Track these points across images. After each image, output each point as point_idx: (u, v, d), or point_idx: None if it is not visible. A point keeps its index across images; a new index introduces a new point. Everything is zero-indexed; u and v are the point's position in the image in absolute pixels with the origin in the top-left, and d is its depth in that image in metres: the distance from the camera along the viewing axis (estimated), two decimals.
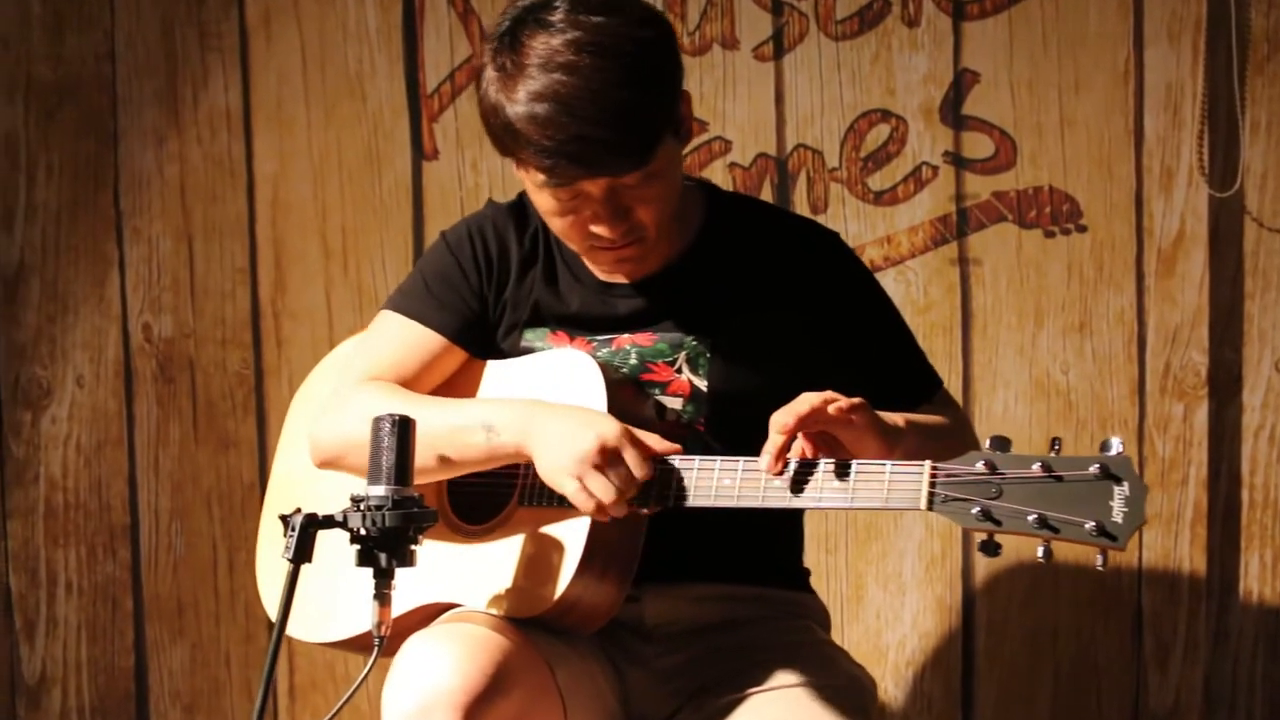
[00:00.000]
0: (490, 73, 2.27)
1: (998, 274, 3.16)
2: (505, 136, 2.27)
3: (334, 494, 2.42)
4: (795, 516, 2.56)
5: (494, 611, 2.30)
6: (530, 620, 2.28)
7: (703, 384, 2.39)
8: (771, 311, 2.39)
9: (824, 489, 2.13)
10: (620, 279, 2.42)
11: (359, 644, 2.41)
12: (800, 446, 2.17)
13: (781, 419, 2.14)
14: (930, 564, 3.21)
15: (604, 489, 2.20)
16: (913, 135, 3.16)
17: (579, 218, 2.31)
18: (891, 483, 2.08)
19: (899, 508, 2.09)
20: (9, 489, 3.55)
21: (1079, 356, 3.14)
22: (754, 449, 2.22)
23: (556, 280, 2.44)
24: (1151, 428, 3.12)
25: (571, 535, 2.27)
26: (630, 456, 2.21)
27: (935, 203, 3.17)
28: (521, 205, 2.48)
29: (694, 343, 2.39)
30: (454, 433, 2.28)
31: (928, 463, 2.07)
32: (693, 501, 2.21)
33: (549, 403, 2.30)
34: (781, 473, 2.14)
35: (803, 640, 2.46)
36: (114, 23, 3.45)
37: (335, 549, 2.23)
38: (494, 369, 2.45)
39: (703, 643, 2.42)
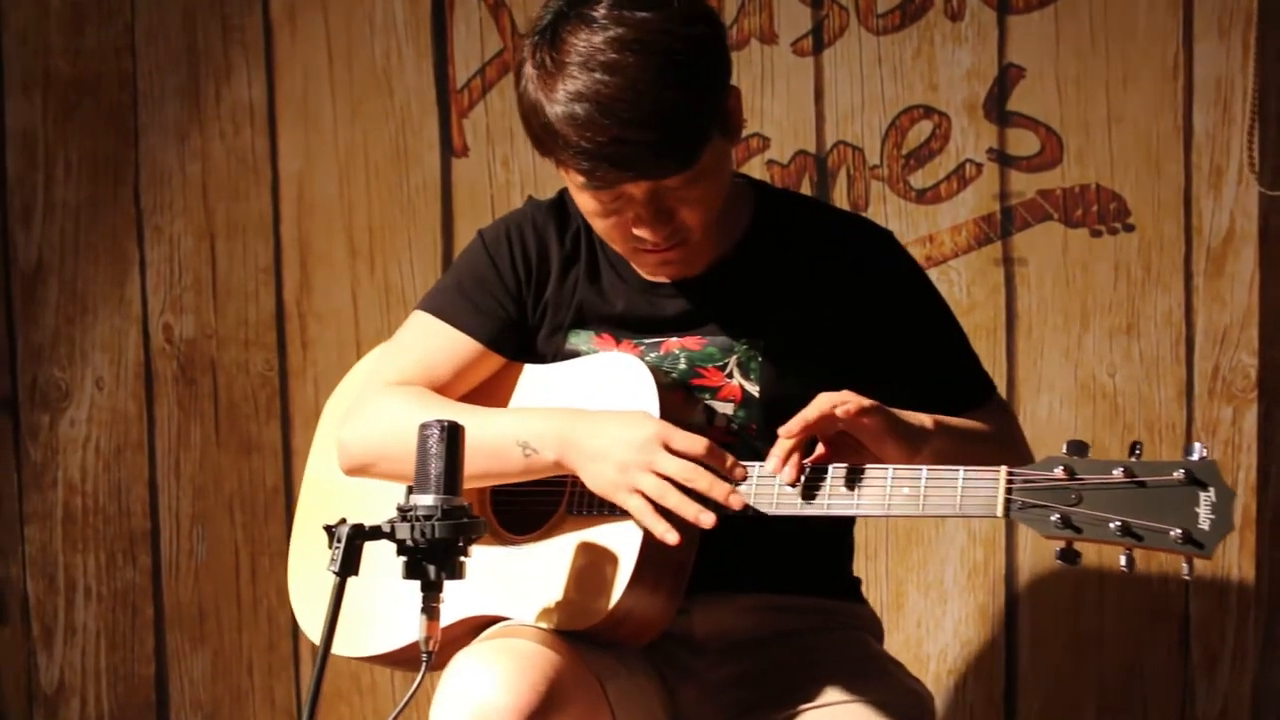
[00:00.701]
0: (530, 69, 2.21)
1: (1043, 274, 3.12)
2: (544, 137, 2.20)
3: (371, 503, 2.38)
4: (845, 524, 2.50)
5: (542, 625, 2.24)
6: (580, 634, 2.22)
7: (754, 389, 2.33)
8: (823, 312, 2.34)
9: (892, 497, 2.07)
10: (665, 279, 2.36)
11: (398, 658, 2.37)
12: (817, 451, 2.14)
13: (788, 425, 2.10)
14: (972, 571, 3.17)
15: (658, 488, 2.13)
16: (956, 132, 3.12)
17: (621, 219, 2.25)
18: (965, 490, 2.02)
19: (973, 515, 2.02)
20: (27, 493, 3.51)
21: (1126, 359, 3.10)
22: (806, 453, 2.17)
23: (600, 280, 2.38)
24: (1199, 431, 3.08)
25: (624, 545, 2.21)
26: (682, 442, 2.14)
27: (979, 201, 3.13)
28: (562, 203, 2.42)
29: (745, 346, 2.33)
30: (489, 448, 2.22)
31: (1003, 468, 2.02)
32: (762, 508, 2.15)
33: (583, 410, 2.24)
34: (796, 481, 2.11)
35: (858, 653, 2.40)
36: (134, 16, 3.41)
37: (372, 559, 2.17)
38: (537, 374, 2.39)
39: (755, 655, 2.37)
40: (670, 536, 2.14)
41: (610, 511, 2.21)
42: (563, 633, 2.22)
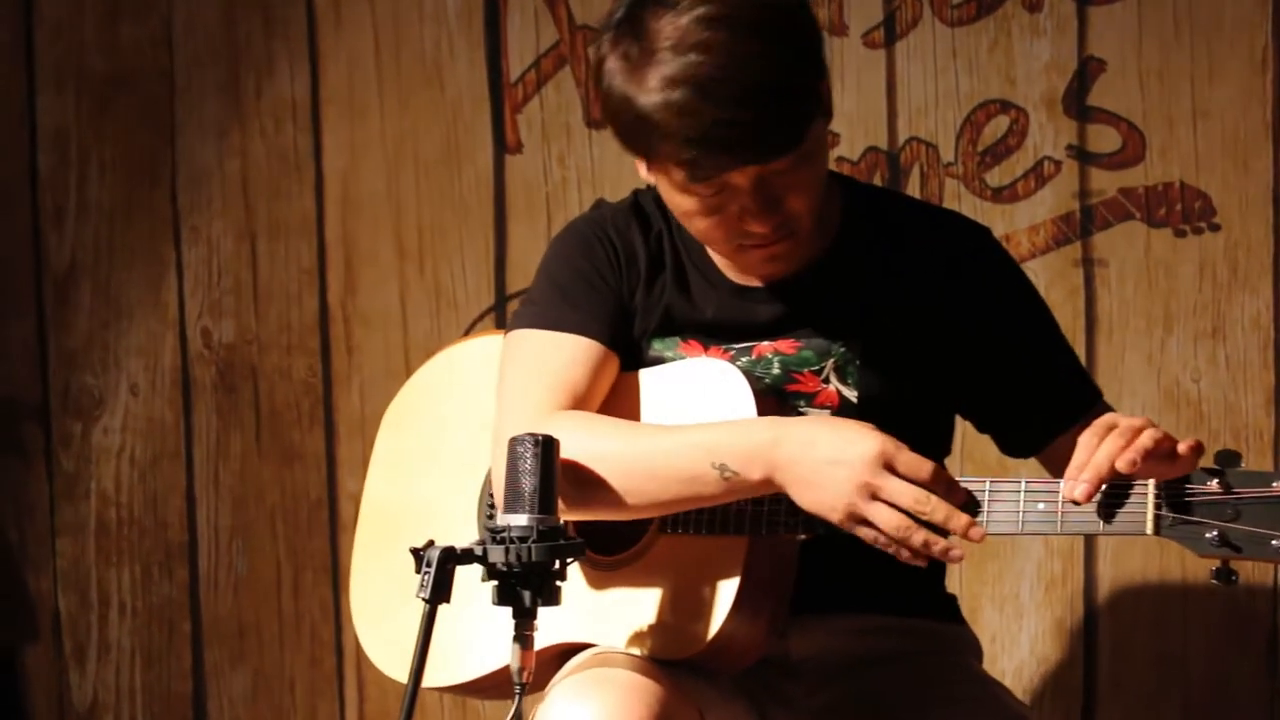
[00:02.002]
0: (613, 63, 2.10)
1: (1124, 276, 3.05)
2: (639, 131, 2.09)
3: (437, 522, 2.32)
4: None
5: (637, 652, 2.13)
6: (678, 661, 2.12)
7: (852, 394, 2.23)
8: (921, 314, 2.24)
9: (1026, 514, 1.96)
10: (757, 282, 2.26)
11: (477, 688, 2.28)
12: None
13: (1128, 454, 1.91)
14: (1050, 585, 3.10)
15: (898, 525, 1.99)
16: (1034, 127, 3.05)
17: (724, 216, 2.13)
18: (1109, 505, 1.90)
19: (1119, 533, 1.91)
20: (58, 504, 3.47)
21: (1211, 364, 3.03)
22: None
23: (688, 285, 2.28)
24: None
25: (725, 567, 2.10)
26: (907, 464, 2.00)
27: (1058, 200, 3.05)
28: (639, 205, 2.32)
29: (842, 350, 2.23)
30: (681, 471, 2.09)
31: (1150, 481, 1.90)
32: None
33: (783, 421, 2.09)
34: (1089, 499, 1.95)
35: (962, 677, 2.29)
36: (171, 8, 3.36)
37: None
38: (627, 382, 2.27)
39: (854, 680, 2.26)
40: (919, 562, 2.01)
41: (709, 529, 2.11)
42: (658, 660, 2.12)
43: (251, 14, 3.32)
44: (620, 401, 2.25)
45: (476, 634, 2.23)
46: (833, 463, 2.00)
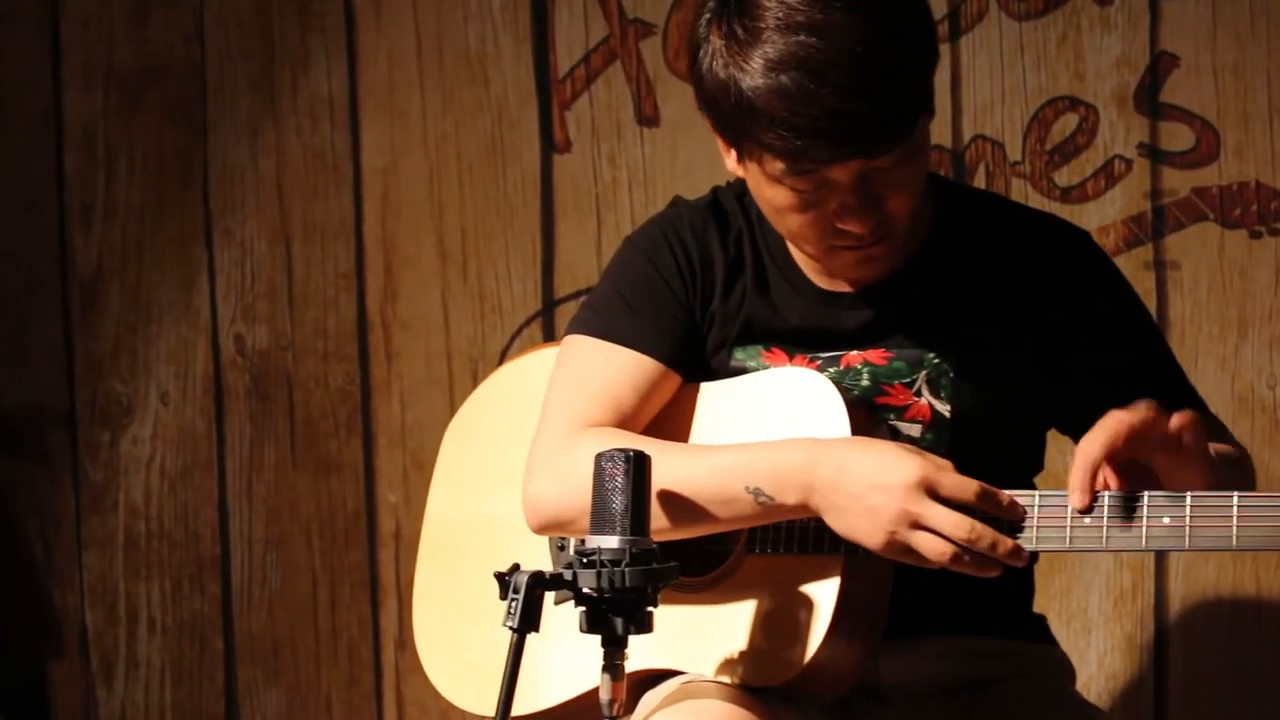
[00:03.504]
0: (716, 43, 2.00)
1: (1198, 278, 2.99)
2: (740, 118, 1.98)
3: (503, 542, 2.23)
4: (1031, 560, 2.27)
5: (726, 680, 2.04)
6: (769, 689, 2.03)
7: (945, 408, 2.14)
8: (1018, 323, 2.15)
9: (1150, 528, 1.88)
10: (844, 287, 2.17)
11: (553, 716, 2.18)
12: (1102, 477, 1.92)
13: (1091, 449, 1.87)
14: (1119, 599, 3.05)
15: (942, 554, 1.92)
16: (1104, 125, 3.00)
17: (821, 213, 2.03)
18: (1243, 520, 1.83)
19: (1252, 549, 1.86)
20: (85, 517, 3.43)
21: None
22: (997, 481, 1.98)
23: (769, 290, 2.18)
24: None
25: (819, 590, 2.01)
26: (951, 488, 1.93)
27: (1129, 200, 3.00)
28: (718, 203, 2.23)
29: (935, 360, 2.14)
30: (714, 494, 2.01)
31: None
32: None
33: (820, 442, 2.01)
34: (1089, 509, 1.90)
35: (1058, 702, 2.21)
36: (204, 1, 3.33)
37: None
38: (708, 393, 2.18)
39: (946, 706, 2.18)
40: (1018, 560, 1.94)
41: (801, 549, 2.03)
42: (749, 688, 2.03)
43: (286, 7, 3.29)
44: (698, 414, 2.17)
45: (549, 659, 2.15)
46: (872, 488, 1.94)
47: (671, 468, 2.02)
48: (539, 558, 2.22)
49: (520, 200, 3.21)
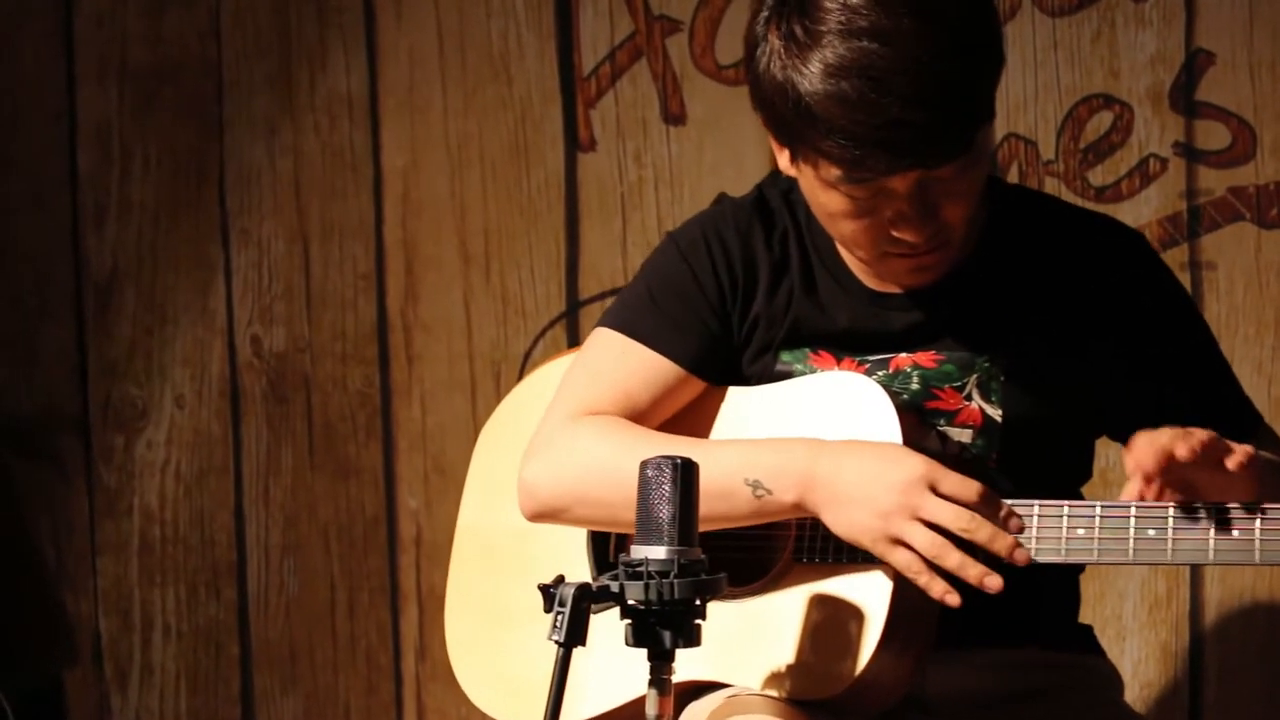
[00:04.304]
0: (774, 43, 1.96)
1: (1234, 279, 2.97)
2: (796, 122, 1.95)
3: (538, 550, 2.20)
4: (1076, 568, 2.27)
5: (773, 693, 2.00)
6: (817, 703, 1.99)
7: (996, 413, 2.10)
8: (1071, 326, 2.12)
9: (1218, 542, 1.86)
10: (894, 288, 2.13)
11: None
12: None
13: (1145, 460, 1.84)
14: (1154, 606, 3.02)
15: (932, 543, 1.91)
16: (1139, 123, 2.98)
17: (875, 220, 2.00)
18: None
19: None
20: (99, 521, 3.39)
21: None
22: (1049, 488, 1.98)
23: (817, 290, 2.14)
24: None
25: (870, 599, 1.97)
26: (952, 486, 1.92)
27: (1164, 199, 2.98)
28: (763, 201, 2.19)
29: (986, 364, 2.10)
30: (710, 487, 1.96)
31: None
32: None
33: (822, 442, 2.01)
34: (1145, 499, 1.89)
35: (1109, 714, 2.21)
36: None
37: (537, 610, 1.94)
38: (747, 399, 2.14)
39: (993, 719, 2.14)
40: (951, 599, 1.92)
41: (850, 558, 1.99)
42: (797, 702, 1.99)
43: (304, 4, 3.26)
44: (743, 419, 2.13)
45: (585, 670, 2.08)
46: (874, 480, 1.95)
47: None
48: (576, 566, 2.18)
49: (544, 200, 3.19)
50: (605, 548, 2.18)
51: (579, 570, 2.17)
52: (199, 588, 3.37)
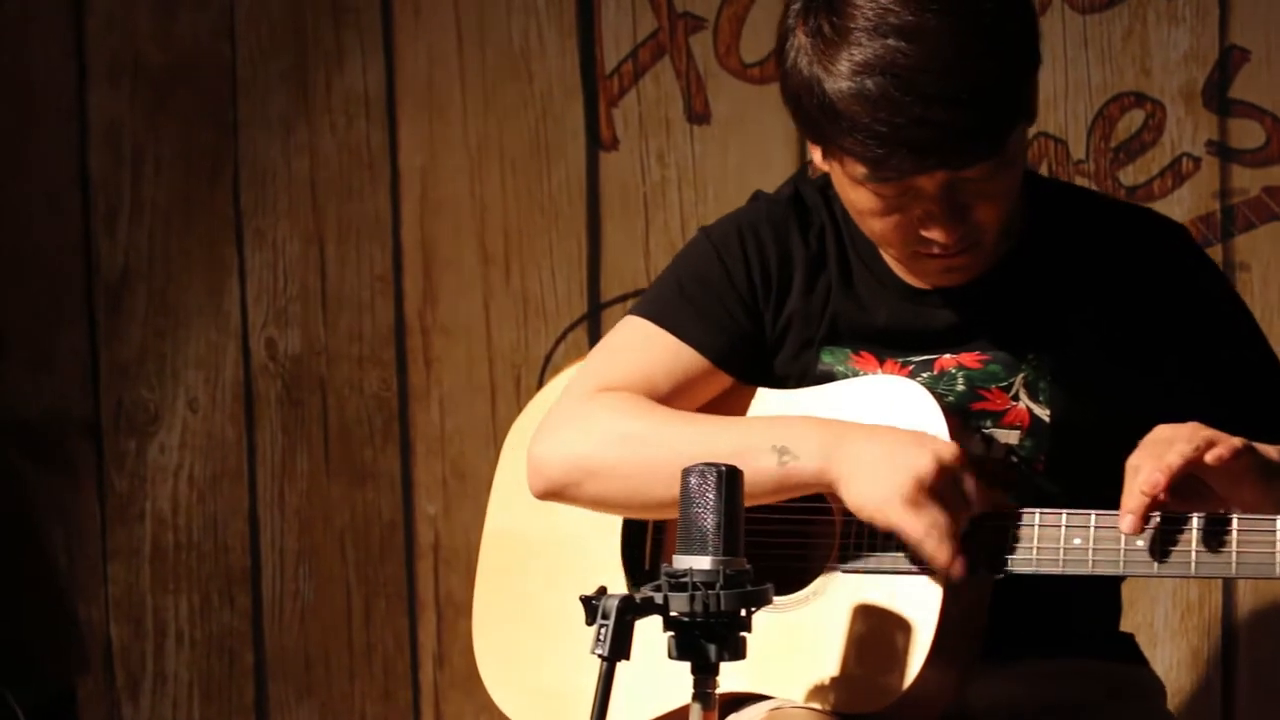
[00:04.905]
0: (801, 38, 1.94)
1: (1268, 280, 2.96)
2: (822, 120, 1.93)
3: (568, 554, 2.17)
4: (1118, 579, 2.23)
5: (818, 706, 1.97)
6: (863, 716, 1.96)
7: (1044, 413, 2.07)
8: (1117, 323, 2.09)
9: (1243, 557, 1.84)
10: (934, 281, 2.10)
11: None
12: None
13: (1149, 476, 1.85)
14: (1186, 611, 3.01)
15: (943, 525, 1.91)
16: (1171, 122, 2.96)
17: (904, 218, 1.98)
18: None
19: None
20: (110, 527, 3.39)
21: None
22: (1099, 492, 1.95)
23: (855, 287, 2.12)
24: None
25: (918, 610, 1.94)
26: (971, 485, 1.93)
27: (1197, 199, 2.96)
28: (798, 196, 2.17)
29: (1033, 363, 2.07)
30: (735, 455, 1.94)
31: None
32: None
33: (856, 421, 2.00)
34: (1141, 530, 1.88)
35: None
36: None
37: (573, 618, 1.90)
38: (785, 401, 2.10)
39: None
40: (957, 568, 1.91)
41: (896, 566, 1.96)
42: (842, 715, 1.97)
43: (320, 1, 3.26)
44: None
45: (620, 680, 2.04)
46: (899, 457, 1.93)
47: (691, 431, 2.02)
48: (609, 572, 2.15)
49: (565, 200, 3.18)
50: (639, 552, 2.15)
51: (612, 576, 2.13)
52: (212, 595, 3.36)
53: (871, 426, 1.98)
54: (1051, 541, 1.93)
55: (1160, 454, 1.86)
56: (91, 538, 3.39)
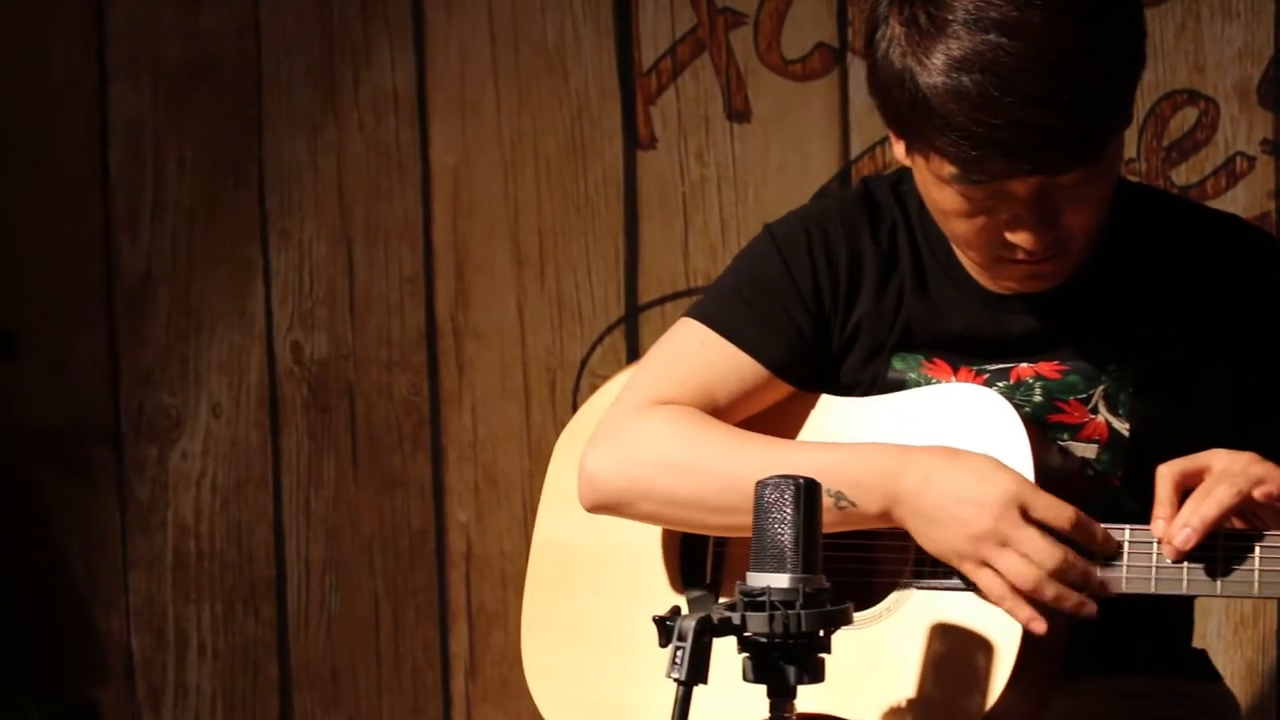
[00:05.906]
0: (894, 28, 1.87)
1: None
2: (913, 115, 1.86)
3: (621, 565, 2.11)
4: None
5: None
6: None
7: (1124, 427, 2.01)
8: (1201, 335, 2.02)
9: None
10: (1012, 289, 2.03)
11: None
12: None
13: (1197, 516, 1.83)
14: (1240, 625, 2.97)
15: (1024, 576, 1.84)
16: (1225, 120, 2.93)
17: (991, 221, 1.91)
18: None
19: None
20: (131, 536, 3.37)
21: None
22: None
23: (929, 289, 2.05)
24: None
25: (1000, 630, 1.87)
26: (1044, 510, 1.86)
27: (1251, 199, 2.92)
28: (869, 193, 2.10)
29: (1114, 374, 2.01)
30: None
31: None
32: (1136, 588, 1.87)
33: (909, 449, 1.93)
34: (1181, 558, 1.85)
35: None
36: None
37: (632, 632, 1.93)
38: (853, 410, 2.04)
39: None
40: (1037, 625, 1.85)
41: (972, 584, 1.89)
42: None
43: None
44: (858, 431, 2.04)
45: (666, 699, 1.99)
46: (961, 500, 1.88)
47: (745, 456, 1.96)
48: (665, 585, 2.09)
49: (602, 200, 3.15)
50: (698, 564, 2.08)
51: (668, 589, 2.08)
52: (236, 605, 3.34)
53: (938, 454, 1.91)
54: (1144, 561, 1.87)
55: (1209, 489, 1.83)
56: (112, 546, 3.37)
